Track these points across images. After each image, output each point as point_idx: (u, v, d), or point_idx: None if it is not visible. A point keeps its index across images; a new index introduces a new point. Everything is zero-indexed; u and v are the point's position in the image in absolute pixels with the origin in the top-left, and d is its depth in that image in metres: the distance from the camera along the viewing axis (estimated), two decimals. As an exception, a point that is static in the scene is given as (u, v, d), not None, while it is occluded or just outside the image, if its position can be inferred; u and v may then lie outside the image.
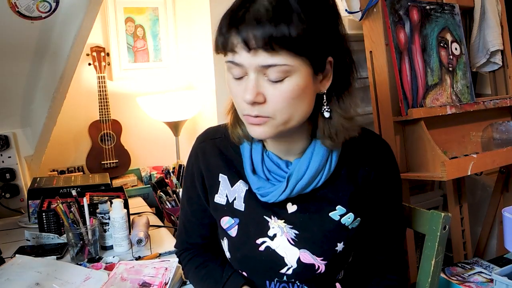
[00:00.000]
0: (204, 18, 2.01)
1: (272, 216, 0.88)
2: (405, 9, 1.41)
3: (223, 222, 0.92)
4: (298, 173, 0.83)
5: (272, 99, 0.73)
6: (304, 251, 0.86)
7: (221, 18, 0.74)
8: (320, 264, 0.86)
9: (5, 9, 1.28)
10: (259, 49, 0.69)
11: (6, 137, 1.63)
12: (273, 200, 0.84)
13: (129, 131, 2.18)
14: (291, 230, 0.87)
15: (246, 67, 0.72)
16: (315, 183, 0.84)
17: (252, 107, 0.74)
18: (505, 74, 1.72)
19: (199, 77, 2.24)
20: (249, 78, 0.73)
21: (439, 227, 0.95)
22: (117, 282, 1.05)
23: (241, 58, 0.71)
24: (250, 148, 0.88)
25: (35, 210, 1.47)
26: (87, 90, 2.07)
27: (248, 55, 0.70)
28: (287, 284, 0.89)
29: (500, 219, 1.61)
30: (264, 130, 0.76)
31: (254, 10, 0.69)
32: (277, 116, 0.74)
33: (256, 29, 0.68)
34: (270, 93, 0.73)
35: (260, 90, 0.73)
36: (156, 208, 1.80)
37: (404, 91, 1.36)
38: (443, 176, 1.27)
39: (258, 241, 0.88)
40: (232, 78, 0.76)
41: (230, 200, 0.91)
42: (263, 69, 0.71)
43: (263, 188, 0.85)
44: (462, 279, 1.30)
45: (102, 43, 2.08)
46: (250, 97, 0.72)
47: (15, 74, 1.52)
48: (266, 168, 0.86)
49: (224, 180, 0.92)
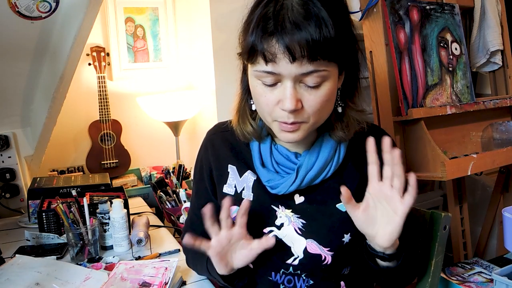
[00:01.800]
0: (204, 18, 2.00)
1: (280, 205, 0.89)
2: (405, 9, 1.41)
3: (231, 212, 0.92)
4: (308, 164, 0.85)
5: (309, 105, 0.74)
6: (311, 241, 0.86)
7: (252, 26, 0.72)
8: (326, 255, 0.86)
9: (5, 9, 1.28)
10: (303, 58, 0.69)
11: (6, 137, 1.63)
12: (283, 191, 0.86)
13: (129, 131, 2.18)
14: (299, 219, 0.87)
15: (284, 75, 0.72)
16: (324, 174, 0.86)
17: (289, 114, 0.75)
18: (505, 74, 1.72)
19: (199, 77, 2.24)
20: (286, 86, 0.73)
21: (439, 227, 0.95)
22: (117, 282, 1.05)
23: (281, 68, 0.71)
24: (258, 144, 0.90)
25: (35, 210, 1.47)
26: (87, 90, 2.07)
27: (289, 65, 0.70)
28: (293, 277, 0.89)
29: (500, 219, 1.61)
30: (298, 136, 0.78)
31: (291, 17, 0.68)
32: (311, 119, 0.77)
33: (300, 38, 0.68)
34: (307, 98, 0.74)
35: (298, 97, 0.74)
36: (156, 208, 1.80)
37: (404, 91, 1.36)
38: (443, 176, 1.27)
39: (265, 230, 0.89)
40: (261, 85, 0.76)
41: (239, 190, 0.92)
42: (301, 77, 0.72)
43: (273, 180, 0.86)
44: (462, 279, 1.30)
45: (102, 43, 2.08)
46: (292, 106, 0.73)
47: (15, 74, 1.52)
48: (275, 160, 0.88)
49: (233, 171, 0.93)
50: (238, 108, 0.91)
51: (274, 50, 0.70)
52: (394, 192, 0.76)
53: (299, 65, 0.70)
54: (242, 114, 0.90)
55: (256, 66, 0.74)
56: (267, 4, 0.72)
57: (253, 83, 0.78)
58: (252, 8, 0.76)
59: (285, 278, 0.90)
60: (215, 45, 1.91)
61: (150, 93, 2.19)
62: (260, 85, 0.76)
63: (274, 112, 0.77)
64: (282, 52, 0.69)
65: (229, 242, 0.82)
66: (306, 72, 0.71)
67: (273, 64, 0.71)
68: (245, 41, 0.75)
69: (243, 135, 0.90)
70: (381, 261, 0.83)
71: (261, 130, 0.89)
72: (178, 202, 1.61)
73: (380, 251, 0.81)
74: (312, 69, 0.71)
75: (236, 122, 0.91)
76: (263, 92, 0.76)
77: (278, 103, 0.76)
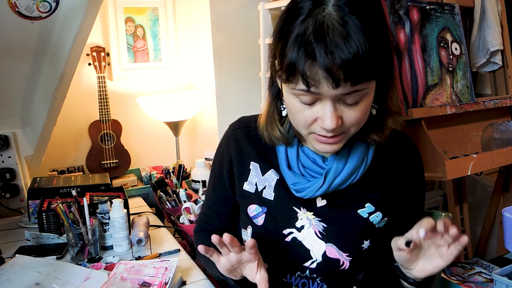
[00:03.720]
0: (204, 18, 2.00)
1: (302, 207, 0.88)
2: (405, 9, 1.41)
3: (250, 210, 0.91)
4: (336, 169, 0.83)
5: (349, 120, 0.73)
6: (331, 246, 0.86)
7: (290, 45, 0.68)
8: (345, 260, 0.86)
9: (5, 9, 1.28)
10: (346, 82, 0.67)
11: (6, 137, 1.63)
12: (309, 196, 0.84)
13: (129, 131, 2.18)
14: (319, 223, 0.87)
15: (324, 95, 0.70)
16: (351, 179, 0.84)
17: (328, 131, 0.73)
18: (505, 74, 1.72)
19: (199, 77, 2.24)
20: (326, 104, 0.71)
21: (439, 227, 0.95)
22: (117, 282, 1.05)
23: (322, 90, 0.68)
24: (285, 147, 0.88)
25: (35, 210, 1.47)
26: (87, 90, 2.07)
27: (331, 88, 0.67)
28: (307, 280, 0.89)
29: (500, 219, 1.61)
30: (337, 147, 0.77)
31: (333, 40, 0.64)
32: (351, 131, 0.76)
33: (343, 63, 0.64)
34: (346, 114, 0.72)
35: (338, 114, 0.72)
36: (156, 208, 1.80)
37: (404, 91, 1.36)
38: (443, 176, 1.27)
39: (285, 231, 0.88)
40: (299, 103, 0.73)
41: (260, 188, 0.91)
42: (342, 96, 0.70)
43: (299, 184, 0.85)
44: (462, 279, 1.30)
45: (102, 43, 2.08)
46: (333, 125, 0.71)
47: (15, 74, 1.52)
48: (301, 164, 0.87)
49: (255, 168, 0.92)
50: (266, 113, 0.88)
51: (317, 77, 0.67)
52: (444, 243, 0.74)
53: (342, 89, 0.68)
54: (270, 119, 0.87)
55: (294, 85, 0.71)
56: (305, 19, 0.67)
57: (289, 100, 0.75)
58: (286, 18, 0.71)
59: (300, 281, 0.89)
60: (215, 45, 1.91)
61: (150, 93, 2.19)
62: (298, 103, 0.73)
63: (312, 127, 0.75)
64: (325, 77, 0.66)
65: (238, 262, 0.80)
66: (347, 93, 0.69)
67: (313, 87, 0.68)
68: (282, 60, 0.70)
69: (269, 139, 0.87)
70: (406, 284, 0.83)
71: (288, 134, 0.86)
72: (178, 202, 1.61)
73: (411, 278, 0.81)
74: (354, 90, 0.69)
75: (264, 126, 0.88)
76: (301, 109, 0.74)
77: (317, 120, 0.73)
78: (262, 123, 0.88)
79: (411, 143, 0.92)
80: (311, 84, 0.68)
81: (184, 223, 1.47)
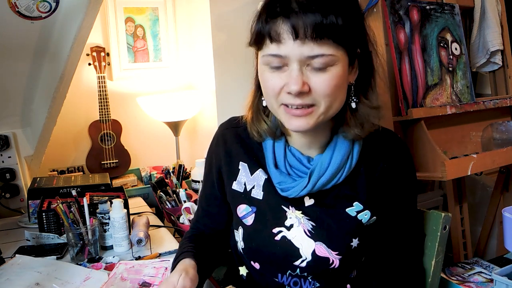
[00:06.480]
0: (204, 18, 2.00)
1: (290, 206, 0.88)
2: (405, 9, 1.41)
3: (239, 210, 0.92)
4: (320, 169, 0.84)
5: (317, 87, 0.74)
6: (320, 244, 0.86)
7: (262, 6, 0.75)
8: (334, 258, 0.86)
9: (5, 9, 1.28)
10: (307, 38, 0.69)
11: (6, 137, 1.63)
12: (294, 195, 0.85)
13: (129, 131, 2.18)
14: (308, 221, 0.87)
15: (290, 57, 0.72)
16: (336, 179, 0.85)
17: (295, 97, 0.74)
18: (505, 74, 1.72)
19: (199, 77, 2.24)
20: (293, 68, 0.73)
21: (439, 227, 0.95)
22: (117, 282, 1.05)
23: (287, 49, 0.71)
24: (273, 142, 0.89)
25: (35, 210, 1.47)
26: (87, 90, 2.07)
27: (294, 45, 0.70)
28: (299, 279, 0.89)
29: (500, 219, 1.61)
30: (307, 122, 0.77)
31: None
32: (321, 103, 0.76)
33: (306, 17, 0.68)
34: (314, 81, 0.74)
35: (304, 79, 0.73)
36: (156, 208, 1.80)
37: (404, 91, 1.36)
38: (443, 176, 1.27)
39: (274, 230, 0.88)
40: (268, 70, 0.76)
41: (248, 188, 0.92)
42: (307, 60, 0.72)
43: (284, 183, 0.86)
44: (462, 279, 1.30)
45: (102, 43, 2.08)
46: (297, 87, 0.72)
47: (15, 74, 1.52)
48: (288, 163, 0.88)
49: (244, 168, 0.93)
50: (251, 106, 0.90)
51: (279, 30, 0.71)
52: None
53: (304, 44, 0.70)
54: (255, 111, 0.89)
55: (263, 51, 0.75)
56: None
57: (261, 70, 0.78)
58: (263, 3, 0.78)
59: (291, 280, 0.89)
60: (215, 45, 1.91)
61: (150, 93, 2.19)
62: (267, 70, 0.76)
63: (280, 96, 0.77)
64: (286, 31, 0.70)
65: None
66: (312, 55, 0.71)
67: (278, 45, 0.72)
68: (253, 28, 0.77)
69: (257, 133, 0.89)
70: None
71: (275, 128, 0.88)
72: (178, 202, 1.61)
73: None
74: (319, 53, 0.71)
75: (250, 120, 0.90)
76: (270, 77, 0.76)
77: (285, 87, 0.75)
78: (248, 118, 0.90)
79: (401, 142, 0.92)
80: (275, 39, 0.72)
81: (184, 223, 1.47)
